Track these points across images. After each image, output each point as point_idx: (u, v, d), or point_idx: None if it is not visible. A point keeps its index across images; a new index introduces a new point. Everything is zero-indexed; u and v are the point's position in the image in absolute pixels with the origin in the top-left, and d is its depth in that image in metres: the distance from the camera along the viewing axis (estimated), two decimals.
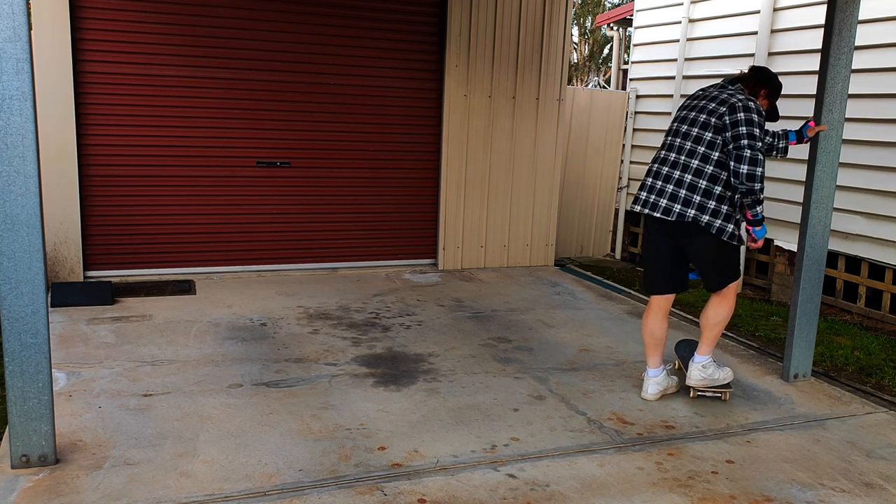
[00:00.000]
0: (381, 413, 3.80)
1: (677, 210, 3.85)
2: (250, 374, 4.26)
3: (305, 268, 6.85)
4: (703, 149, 3.85)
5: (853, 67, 4.57)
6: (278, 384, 4.12)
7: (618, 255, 9.28)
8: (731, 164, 3.73)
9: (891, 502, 3.15)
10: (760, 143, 3.74)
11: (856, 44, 4.33)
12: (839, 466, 3.45)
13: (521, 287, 6.68)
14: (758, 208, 3.81)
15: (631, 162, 9.13)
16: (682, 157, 3.91)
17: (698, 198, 3.82)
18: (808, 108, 5.22)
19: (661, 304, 4.14)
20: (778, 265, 7.19)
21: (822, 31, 4.32)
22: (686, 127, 3.97)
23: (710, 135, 3.84)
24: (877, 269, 6.39)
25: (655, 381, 4.16)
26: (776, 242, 7.19)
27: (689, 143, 3.90)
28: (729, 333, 5.57)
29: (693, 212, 3.82)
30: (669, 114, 8.46)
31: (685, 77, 8.27)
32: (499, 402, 4.00)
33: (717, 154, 3.82)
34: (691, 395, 4.17)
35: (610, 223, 9.31)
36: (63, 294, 5.54)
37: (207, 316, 5.32)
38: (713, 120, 3.85)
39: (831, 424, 3.93)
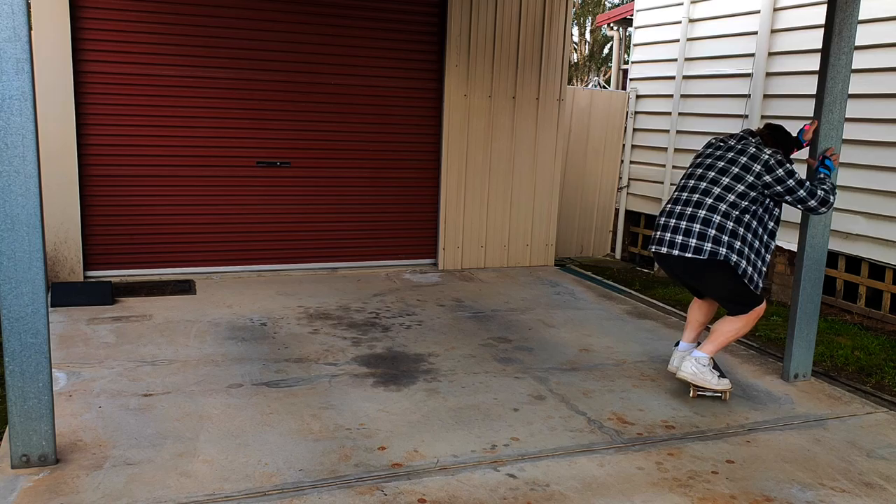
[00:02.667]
0: (381, 413, 3.80)
1: (693, 245, 3.95)
2: (250, 373, 4.26)
3: (305, 268, 6.85)
4: (732, 196, 3.96)
5: (853, 67, 4.57)
6: (278, 384, 4.12)
7: (618, 255, 9.28)
8: (806, 209, 4.05)
9: (891, 502, 3.15)
10: (798, 178, 3.95)
11: (856, 44, 4.32)
12: (839, 466, 3.45)
13: (521, 287, 6.68)
14: (828, 197, 4.02)
15: (631, 162, 9.13)
16: (707, 199, 4.00)
17: (715, 233, 3.92)
18: (808, 108, 5.22)
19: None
20: (778, 265, 7.19)
21: (822, 31, 4.32)
22: (711, 172, 4.07)
23: (740, 186, 3.96)
24: (877, 269, 6.39)
25: (680, 354, 4.27)
26: (776, 242, 7.19)
27: (715, 187, 4.01)
28: None
29: (710, 245, 3.91)
30: (669, 114, 8.47)
31: (685, 77, 8.27)
32: (499, 402, 4.00)
33: (744, 203, 3.96)
34: (692, 394, 4.18)
35: (610, 223, 9.31)
36: (63, 294, 5.54)
37: (207, 316, 5.32)
38: (744, 170, 3.98)
39: (831, 424, 3.93)
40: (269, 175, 6.58)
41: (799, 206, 4.02)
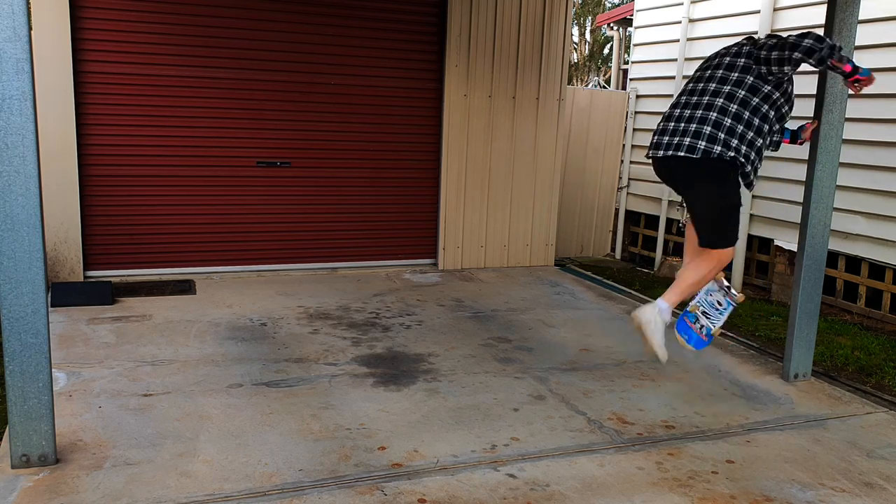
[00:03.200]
0: (381, 413, 3.80)
1: (687, 143, 3.76)
2: (250, 373, 4.26)
3: (305, 268, 6.85)
4: (727, 88, 3.81)
5: None
6: (278, 384, 4.12)
7: (618, 255, 9.28)
8: (791, 53, 3.62)
9: (891, 502, 3.15)
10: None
11: (856, 44, 4.32)
12: (839, 466, 3.45)
13: (521, 287, 6.68)
14: (843, 59, 3.60)
15: (631, 162, 9.13)
16: (704, 98, 3.86)
17: (711, 130, 3.74)
18: (808, 108, 5.21)
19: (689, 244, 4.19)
20: (778, 265, 7.19)
21: (822, 31, 4.32)
22: (709, 72, 3.95)
23: (735, 74, 3.81)
24: (877, 269, 6.39)
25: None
26: (776, 242, 7.20)
27: (711, 84, 3.88)
28: (729, 333, 5.57)
29: (704, 144, 3.73)
30: None
31: (685, 77, 8.27)
32: (499, 402, 4.00)
33: (742, 92, 3.77)
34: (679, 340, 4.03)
35: (610, 223, 9.31)
36: (63, 294, 5.54)
37: (207, 316, 5.32)
38: (736, 57, 3.85)
39: (831, 424, 3.93)
40: (269, 175, 6.58)
41: (795, 55, 3.63)
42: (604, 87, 15.17)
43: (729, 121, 3.75)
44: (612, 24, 12.26)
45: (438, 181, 7.15)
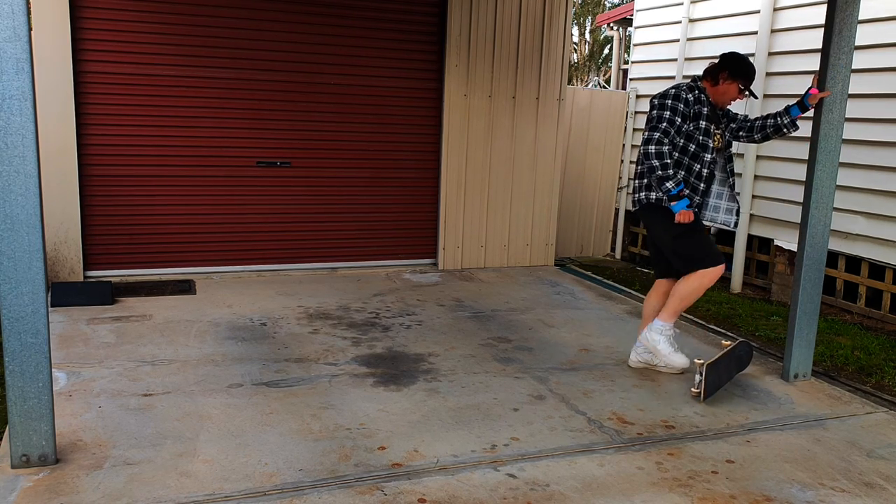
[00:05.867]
0: (381, 413, 3.80)
1: (633, 198, 4.41)
2: (250, 373, 4.26)
3: (305, 268, 6.85)
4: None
5: (853, 67, 4.57)
6: (278, 384, 4.12)
7: (618, 254, 9.28)
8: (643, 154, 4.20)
9: (891, 502, 3.15)
10: (661, 129, 4.10)
11: (856, 44, 4.32)
12: (839, 466, 3.45)
13: (521, 287, 6.68)
14: (667, 185, 4.06)
15: (631, 162, 9.12)
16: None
17: (638, 181, 4.32)
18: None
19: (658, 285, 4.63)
20: (778, 265, 7.19)
21: (822, 31, 4.32)
22: None
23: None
24: (877, 269, 6.39)
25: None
26: (776, 242, 7.20)
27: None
28: (729, 333, 5.58)
29: (639, 194, 4.32)
30: None
31: (685, 77, 8.26)
32: (499, 402, 4.00)
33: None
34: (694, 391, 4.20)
35: (610, 223, 9.31)
36: (63, 294, 5.54)
37: (207, 316, 5.32)
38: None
39: (831, 424, 3.93)
40: (269, 175, 6.58)
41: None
42: (604, 87, 15.17)
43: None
44: (612, 24, 12.27)
45: (438, 181, 7.15)
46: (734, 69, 4.23)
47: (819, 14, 6.24)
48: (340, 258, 6.99)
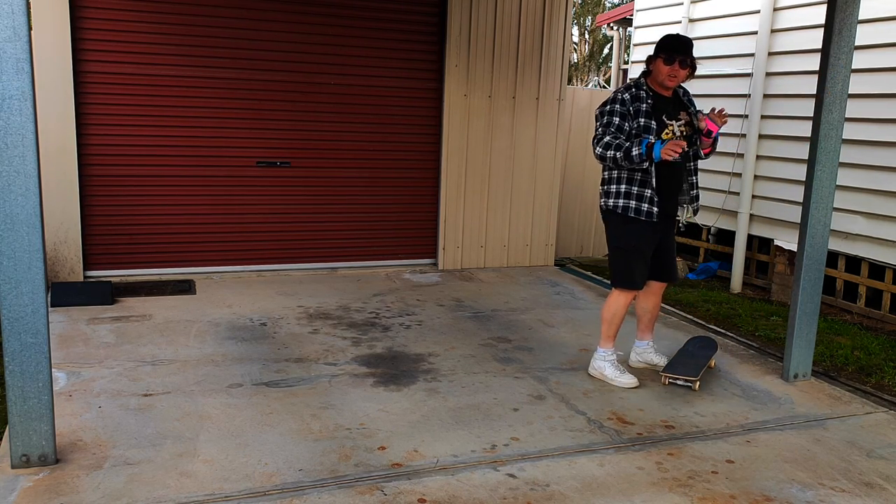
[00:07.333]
0: (381, 413, 3.80)
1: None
2: (250, 373, 4.26)
3: (305, 268, 6.85)
4: None
5: (853, 67, 4.57)
6: (278, 384, 4.12)
7: None
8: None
9: (891, 502, 3.15)
10: (597, 134, 4.15)
11: (856, 44, 4.32)
12: (839, 466, 3.45)
13: (521, 287, 6.68)
14: (632, 154, 3.99)
15: None
16: None
17: (602, 187, 4.35)
18: (808, 108, 5.22)
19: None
20: (778, 265, 7.19)
21: (822, 31, 4.32)
22: None
23: None
24: (877, 269, 6.39)
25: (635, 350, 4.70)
26: (776, 242, 7.20)
27: None
28: (729, 333, 5.58)
29: (600, 201, 4.38)
30: None
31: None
32: (499, 402, 4.00)
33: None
34: (663, 381, 4.36)
35: None
36: (63, 294, 5.54)
37: (207, 316, 5.32)
38: None
39: (831, 424, 3.93)
40: (269, 175, 6.57)
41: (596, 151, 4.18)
42: (604, 87, 15.17)
43: (605, 172, 4.32)
44: (612, 24, 12.27)
45: (438, 181, 7.15)
46: (656, 48, 4.18)
47: (819, 14, 6.24)
48: (340, 258, 6.98)
